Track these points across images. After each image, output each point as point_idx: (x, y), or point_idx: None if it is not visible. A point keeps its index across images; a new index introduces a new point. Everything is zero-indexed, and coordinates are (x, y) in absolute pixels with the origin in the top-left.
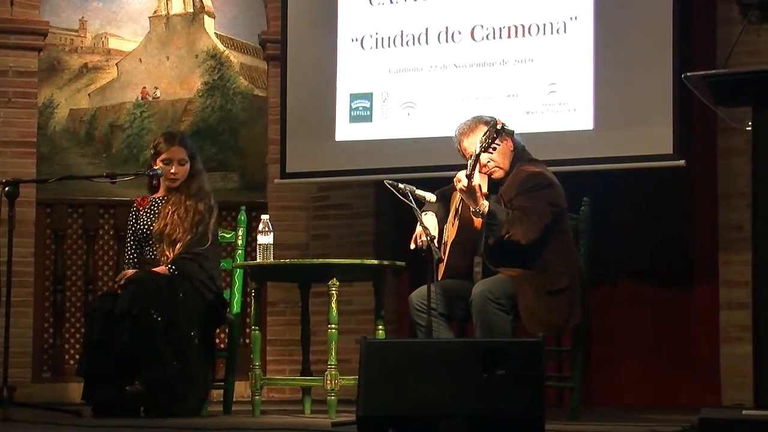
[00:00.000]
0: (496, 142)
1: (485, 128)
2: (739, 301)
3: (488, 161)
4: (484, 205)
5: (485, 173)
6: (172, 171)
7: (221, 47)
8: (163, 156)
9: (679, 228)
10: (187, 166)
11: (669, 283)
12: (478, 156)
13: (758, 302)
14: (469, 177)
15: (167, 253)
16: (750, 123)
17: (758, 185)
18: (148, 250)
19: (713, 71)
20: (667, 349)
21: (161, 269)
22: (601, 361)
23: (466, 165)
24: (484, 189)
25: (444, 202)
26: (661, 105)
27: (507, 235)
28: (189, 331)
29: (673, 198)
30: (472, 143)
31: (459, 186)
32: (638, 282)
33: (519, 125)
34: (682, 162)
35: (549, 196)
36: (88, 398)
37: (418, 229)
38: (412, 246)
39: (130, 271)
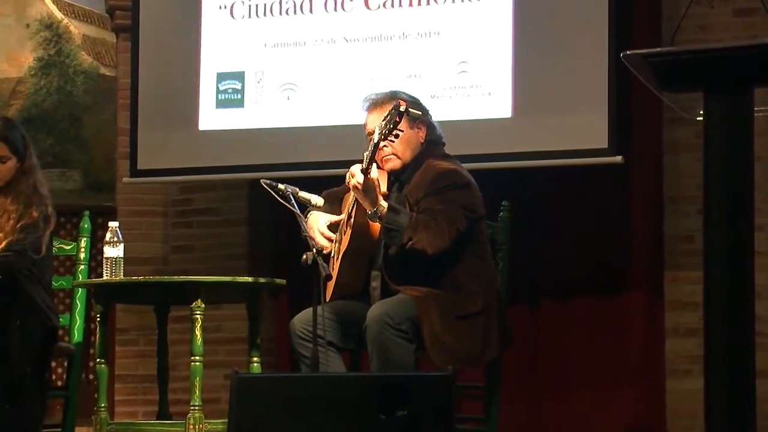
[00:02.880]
0: (399, 127)
1: None
2: (688, 326)
3: (385, 146)
4: (383, 206)
5: (381, 163)
6: None
7: (59, 15)
8: None
9: (617, 239)
10: (11, 163)
11: (604, 304)
12: (376, 146)
13: (711, 328)
14: (365, 172)
15: None
16: (701, 112)
17: (711, 187)
18: None
19: (657, 49)
20: (601, 384)
21: None
22: (519, 398)
23: (362, 158)
24: (384, 188)
25: (333, 205)
26: (594, 89)
27: (410, 243)
28: (24, 366)
29: (610, 202)
30: (377, 121)
31: (353, 182)
32: (566, 303)
33: None
34: (618, 158)
35: (464, 198)
36: None
37: (311, 228)
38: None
39: None
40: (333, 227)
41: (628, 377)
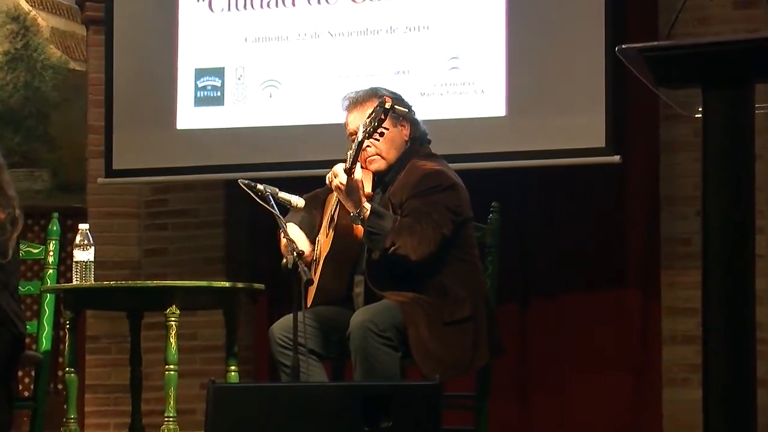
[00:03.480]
0: (384, 125)
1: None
2: (686, 333)
3: (368, 146)
4: (366, 208)
5: (365, 164)
6: None
7: (26, 6)
8: None
9: (612, 241)
10: None
11: (598, 309)
12: (360, 144)
13: (709, 335)
14: (349, 172)
15: None
16: (700, 109)
17: (709, 188)
18: None
19: (653, 43)
20: (595, 392)
21: None
22: (509, 406)
23: (346, 157)
24: (368, 189)
25: (315, 207)
26: (590, 86)
27: (393, 248)
28: None
29: (604, 203)
30: (358, 120)
31: (335, 183)
32: (559, 308)
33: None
34: (617, 158)
35: (449, 200)
36: None
37: (285, 241)
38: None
39: None
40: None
41: (623, 386)
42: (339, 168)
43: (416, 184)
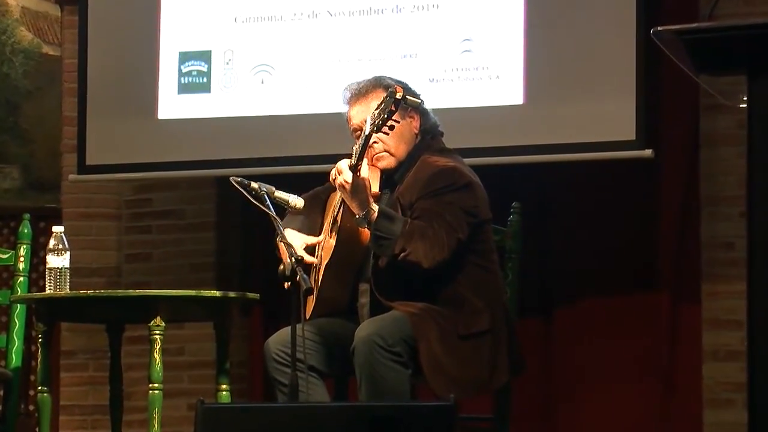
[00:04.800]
0: (394, 118)
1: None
2: (729, 348)
3: (375, 142)
4: (374, 209)
5: (372, 162)
6: None
7: None
8: None
9: (645, 246)
10: None
11: (630, 322)
12: (367, 138)
13: (756, 350)
14: (355, 169)
15: None
16: (744, 98)
17: (755, 186)
18: None
19: (693, 25)
20: (626, 415)
21: None
22: (531, 429)
23: (351, 152)
24: (375, 188)
25: (315, 207)
26: (619, 71)
27: (403, 254)
28: None
29: (637, 204)
30: (362, 114)
31: (339, 181)
32: (585, 320)
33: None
34: (648, 152)
35: (465, 200)
36: None
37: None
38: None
39: None
40: (310, 250)
41: (659, 408)
42: (343, 164)
43: (428, 183)
